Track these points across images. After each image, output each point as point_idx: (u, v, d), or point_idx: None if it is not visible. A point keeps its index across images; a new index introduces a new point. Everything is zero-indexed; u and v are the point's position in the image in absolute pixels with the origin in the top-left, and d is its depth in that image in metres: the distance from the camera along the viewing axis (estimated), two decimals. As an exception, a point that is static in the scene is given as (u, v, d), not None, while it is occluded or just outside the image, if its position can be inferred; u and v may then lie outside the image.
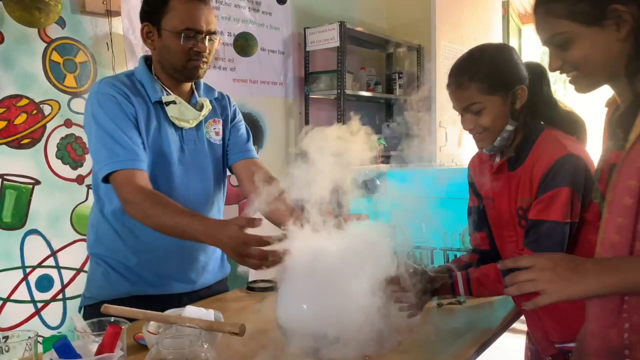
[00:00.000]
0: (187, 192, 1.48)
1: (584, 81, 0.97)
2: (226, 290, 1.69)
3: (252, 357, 1.14)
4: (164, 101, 1.46)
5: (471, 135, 1.38)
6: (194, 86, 1.58)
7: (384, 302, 1.13)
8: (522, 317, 1.46)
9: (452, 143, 4.20)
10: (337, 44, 3.35)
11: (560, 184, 1.21)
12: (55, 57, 2.30)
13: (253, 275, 1.69)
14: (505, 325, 1.38)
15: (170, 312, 1.21)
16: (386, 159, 4.02)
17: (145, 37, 1.46)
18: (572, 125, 1.34)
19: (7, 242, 2.17)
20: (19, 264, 2.20)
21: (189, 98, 1.55)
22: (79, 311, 1.51)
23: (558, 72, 0.99)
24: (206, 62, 1.48)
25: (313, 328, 1.10)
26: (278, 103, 3.40)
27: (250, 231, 1.18)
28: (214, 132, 1.58)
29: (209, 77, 2.90)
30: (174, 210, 1.29)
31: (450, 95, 1.39)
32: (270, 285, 1.62)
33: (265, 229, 1.24)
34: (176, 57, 1.44)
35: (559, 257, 0.91)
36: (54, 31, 2.28)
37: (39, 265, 2.26)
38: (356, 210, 2.07)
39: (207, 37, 1.44)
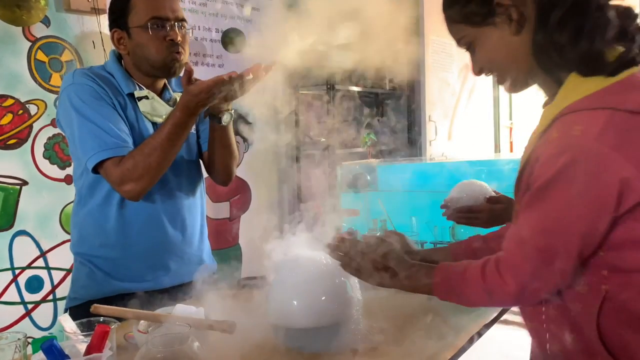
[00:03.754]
0: (162, 184, 1.48)
1: (505, 81, 0.95)
2: (215, 287, 1.69)
3: (243, 355, 1.14)
4: (136, 96, 1.46)
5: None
6: (166, 80, 1.57)
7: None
8: (514, 309, 1.46)
9: (442, 137, 4.21)
10: (326, 39, 3.34)
11: None
12: (41, 56, 2.28)
13: (245, 272, 1.69)
14: (496, 317, 1.39)
15: (160, 311, 1.20)
16: (376, 153, 4.03)
17: (117, 43, 1.46)
18: None
19: (-6, 243, 2.15)
20: (8, 266, 2.18)
21: (162, 93, 1.55)
22: (65, 313, 1.50)
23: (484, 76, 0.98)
24: (182, 54, 1.47)
25: (303, 324, 1.10)
26: (267, 99, 3.39)
27: None
28: None
29: (197, 73, 2.89)
30: (153, 136, 1.38)
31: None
32: (261, 282, 1.61)
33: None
34: (150, 51, 1.43)
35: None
36: (38, 30, 2.26)
37: (29, 267, 2.24)
38: (347, 206, 2.07)
39: (176, 25, 1.44)
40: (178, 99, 1.54)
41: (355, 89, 3.78)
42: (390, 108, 4.36)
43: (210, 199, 3.02)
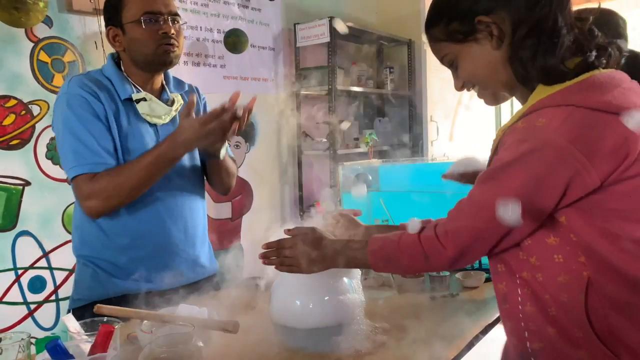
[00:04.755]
0: (166, 185, 1.48)
1: (487, 94, 1.01)
2: (217, 287, 1.69)
3: (246, 354, 1.15)
4: (134, 99, 1.46)
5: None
6: (164, 81, 1.58)
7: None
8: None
9: (444, 137, 4.21)
10: (328, 39, 3.34)
11: None
12: (43, 56, 2.28)
13: (247, 272, 1.69)
14: (499, 318, 1.39)
15: (164, 311, 1.20)
16: (378, 153, 4.03)
17: (113, 40, 1.48)
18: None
19: (-3, 244, 2.15)
20: (11, 266, 2.19)
21: (160, 94, 1.55)
22: (68, 313, 1.49)
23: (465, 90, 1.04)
24: (177, 47, 1.47)
25: (306, 323, 1.11)
26: (269, 100, 3.40)
27: None
28: None
29: (200, 74, 2.90)
30: (135, 161, 1.38)
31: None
32: (264, 282, 1.61)
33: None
34: (145, 45, 1.44)
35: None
36: (41, 31, 2.26)
37: (31, 267, 2.24)
38: (349, 206, 2.07)
39: (170, 19, 1.45)
40: (176, 100, 1.55)
41: (357, 89, 3.79)
42: (392, 108, 4.36)
43: (212, 199, 3.02)
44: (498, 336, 1.50)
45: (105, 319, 1.02)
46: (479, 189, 0.92)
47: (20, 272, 2.22)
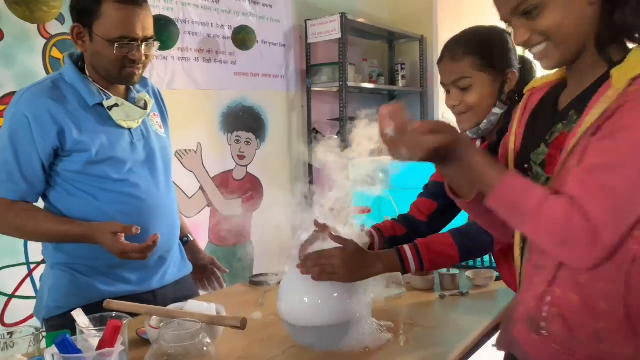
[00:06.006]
0: (148, 186, 1.47)
1: (554, 53, 0.92)
2: (192, 285, 1.67)
3: (254, 351, 1.15)
4: (106, 106, 1.41)
5: (453, 115, 1.37)
6: None
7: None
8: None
9: (456, 134, 4.18)
10: (339, 35, 3.33)
11: None
12: (56, 53, 2.30)
13: (257, 268, 1.69)
14: (508, 316, 1.38)
15: (173, 307, 1.21)
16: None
17: (76, 37, 1.39)
18: None
19: (11, 239, 2.17)
20: (24, 261, 2.21)
21: (127, 94, 1.51)
22: (42, 324, 1.44)
23: (524, 46, 0.94)
24: (143, 67, 1.43)
25: (314, 321, 1.10)
26: (280, 96, 3.39)
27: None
28: (157, 125, 1.56)
29: (210, 70, 2.90)
30: (46, 218, 1.39)
31: (441, 69, 1.37)
32: (273, 279, 1.62)
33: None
34: (110, 64, 1.38)
35: None
36: (53, 27, 2.28)
37: (43, 262, 2.26)
38: (358, 203, 2.07)
39: (144, 43, 1.38)
40: (147, 101, 1.51)
41: (369, 86, 3.77)
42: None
43: (223, 196, 3.03)
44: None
45: (114, 314, 1.02)
46: (620, 167, 0.81)
47: (32, 266, 2.24)
